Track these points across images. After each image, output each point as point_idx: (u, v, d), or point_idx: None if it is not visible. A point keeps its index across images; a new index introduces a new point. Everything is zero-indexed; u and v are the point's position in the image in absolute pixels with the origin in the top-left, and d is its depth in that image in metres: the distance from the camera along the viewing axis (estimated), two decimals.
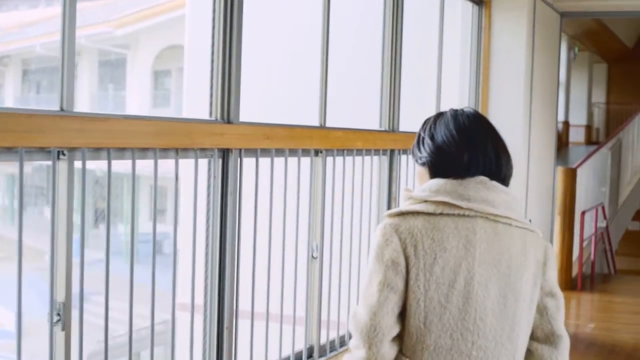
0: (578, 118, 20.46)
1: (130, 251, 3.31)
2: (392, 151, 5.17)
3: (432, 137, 2.22)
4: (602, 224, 11.87)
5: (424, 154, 2.23)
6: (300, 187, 4.25)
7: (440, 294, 2.08)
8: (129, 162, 3.21)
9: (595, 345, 7.42)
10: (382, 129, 5.20)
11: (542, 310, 2.23)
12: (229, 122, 3.68)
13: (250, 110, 3.90)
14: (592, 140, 20.97)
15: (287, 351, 4.32)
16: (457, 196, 2.12)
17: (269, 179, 4.02)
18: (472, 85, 6.63)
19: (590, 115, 21.17)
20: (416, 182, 2.29)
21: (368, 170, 4.96)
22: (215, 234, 3.68)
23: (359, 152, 4.80)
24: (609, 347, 7.35)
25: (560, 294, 2.27)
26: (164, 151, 3.36)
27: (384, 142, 5.06)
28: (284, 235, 4.16)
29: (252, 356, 3.97)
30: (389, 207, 5.15)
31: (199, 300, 3.64)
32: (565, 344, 2.27)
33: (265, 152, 3.96)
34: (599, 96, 21.36)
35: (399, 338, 2.13)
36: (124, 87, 18.50)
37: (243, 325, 3.88)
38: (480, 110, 6.68)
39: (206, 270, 3.71)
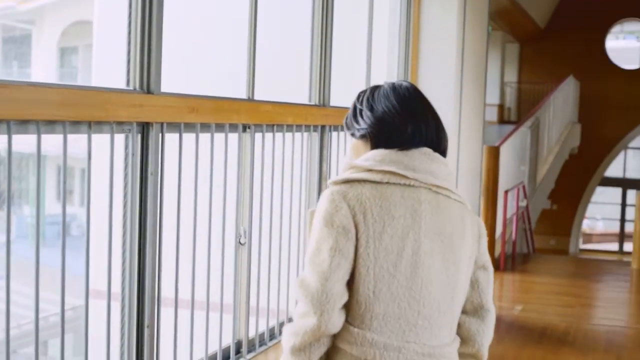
0: (491, 97, 20.42)
1: (36, 233, 2.89)
2: (323, 127, 4.81)
3: (371, 109, 2.20)
4: (523, 203, 11.78)
5: (363, 125, 2.20)
6: (227, 166, 3.87)
7: (389, 262, 2.07)
8: (33, 138, 2.78)
9: (526, 329, 7.24)
10: (313, 103, 4.83)
11: (473, 283, 2.25)
12: (149, 92, 3.26)
13: (173, 81, 3.49)
14: (505, 119, 21.06)
15: (214, 347, 3.95)
16: (402, 166, 2.11)
17: (194, 157, 3.62)
18: (402, 59, 6.32)
19: (502, 94, 21.22)
20: (349, 155, 2.25)
21: (298, 147, 4.60)
22: (134, 218, 3.26)
23: (289, 127, 4.43)
24: (540, 331, 7.17)
25: (491, 268, 2.30)
26: (75, 125, 2.94)
27: (314, 118, 4.70)
28: (210, 218, 3.77)
29: (175, 351, 3.58)
30: (320, 188, 4.79)
31: (116, 287, 3.24)
32: (492, 317, 2.30)
33: (190, 127, 3.57)
34: (511, 75, 21.44)
35: (345, 307, 2.10)
36: (29, 64, 17.71)
37: (166, 314, 3.49)
38: None
39: (123, 256, 3.30)
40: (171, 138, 3.44)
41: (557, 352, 6.49)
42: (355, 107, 2.26)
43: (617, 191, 25.93)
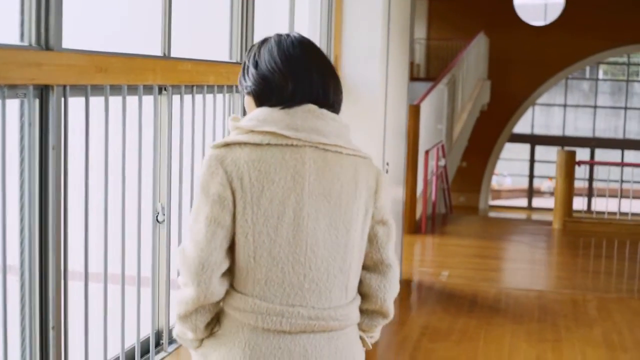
0: None
1: None
2: None
3: (256, 65, 2.14)
4: (442, 162, 11.52)
5: (249, 82, 2.15)
6: (142, 134, 3.36)
7: (269, 227, 2.03)
8: None
9: (456, 297, 6.96)
10: (234, 61, 4.33)
11: (372, 239, 2.20)
12: (47, 48, 2.71)
13: (76, 35, 2.95)
14: (414, 76, 20.84)
15: (132, 340, 3.46)
16: (284, 126, 2.06)
17: (103, 125, 3.11)
18: (324, 11, 5.85)
19: (411, 50, 20.97)
20: (246, 109, 2.19)
21: (220, 110, 4.11)
22: (33, 200, 2.73)
23: (210, 88, 3.93)
24: (470, 298, 6.91)
25: (391, 222, 2.24)
26: None
27: (237, 77, 4.20)
28: (124, 195, 3.26)
29: (87, 352, 3.09)
30: None
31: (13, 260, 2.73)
32: (394, 273, 2.25)
33: (98, 89, 3.04)
34: (420, 32, 21.20)
35: (229, 272, 2.09)
36: None
37: (74, 292, 2.99)
38: (333, 41, 5.94)
39: (22, 246, 2.77)
40: (76, 103, 2.91)
41: (491, 320, 6.22)
42: (244, 63, 2.22)
43: (525, 147, 26.11)
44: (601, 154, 24.99)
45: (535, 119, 26.18)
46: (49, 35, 2.71)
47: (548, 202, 25.64)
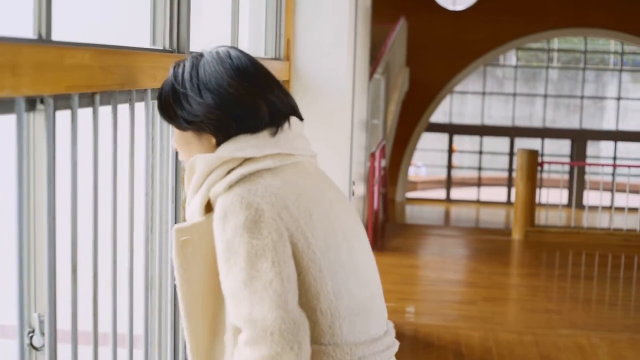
0: None
1: None
2: None
3: (200, 91, 1.77)
4: (383, 164, 10.00)
5: (195, 114, 1.77)
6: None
7: (333, 253, 1.77)
8: None
9: (434, 347, 5.47)
10: (159, 47, 2.69)
11: None
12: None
13: None
14: None
15: None
16: (282, 145, 1.80)
17: None
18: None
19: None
20: (180, 151, 1.87)
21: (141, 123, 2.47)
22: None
23: (125, 95, 2.29)
24: (453, 348, 5.42)
25: None
26: None
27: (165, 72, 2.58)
28: None
29: None
30: (176, 181, 2.66)
31: None
32: None
33: None
34: None
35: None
36: None
37: None
38: (284, 20, 4.36)
39: None
40: None
41: None
42: (175, 90, 1.81)
43: (443, 137, 25.17)
44: (521, 143, 24.19)
45: (452, 107, 25.24)
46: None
47: (467, 193, 24.87)
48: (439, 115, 23.32)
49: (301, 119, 1.92)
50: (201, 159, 1.78)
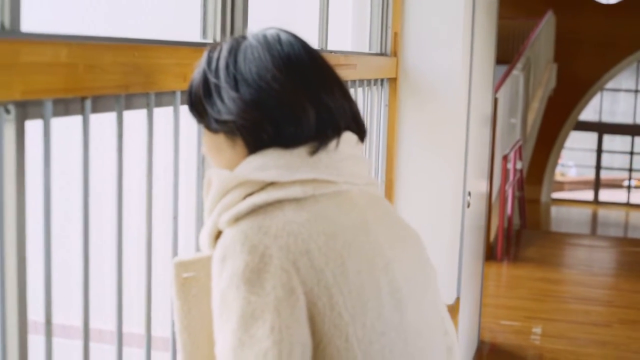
0: None
1: None
2: None
3: (236, 84, 1.38)
4: (519, 166, 9.37)
5: (226, 112, 1.38)
6: None
7: (372, 315, 1.33)
8: None
9: None
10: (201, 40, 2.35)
11: None
12: None
13: None
14: None
15: None
16: (323, 168, 1.38)
17: None
18: None
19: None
20: (211, 159, 1.47)
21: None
22: None
23: (140, 100, 1.93)
24: None
25: None
26: None
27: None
28: None
29: None
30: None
31: None
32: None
33: None
34: None
35: None
36: None
37: None
38: (391, 11, 3.94)
39: None
40: None
41: None
42: (206, 80, 1.41)
43: (592, 136, 24.22)
44: None
45: (603, 105, 24.27)
46: None
47: (616, 195, 23.81)
48: (588, 113, 22.54)
49: (364, 134, 1.51)
50: (217, 175, 1.40)
